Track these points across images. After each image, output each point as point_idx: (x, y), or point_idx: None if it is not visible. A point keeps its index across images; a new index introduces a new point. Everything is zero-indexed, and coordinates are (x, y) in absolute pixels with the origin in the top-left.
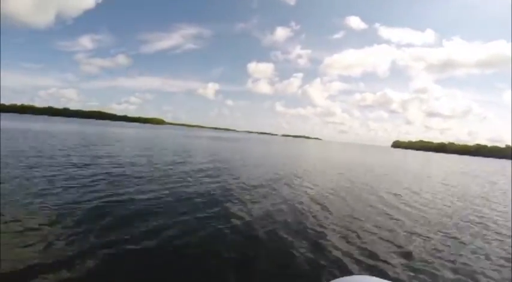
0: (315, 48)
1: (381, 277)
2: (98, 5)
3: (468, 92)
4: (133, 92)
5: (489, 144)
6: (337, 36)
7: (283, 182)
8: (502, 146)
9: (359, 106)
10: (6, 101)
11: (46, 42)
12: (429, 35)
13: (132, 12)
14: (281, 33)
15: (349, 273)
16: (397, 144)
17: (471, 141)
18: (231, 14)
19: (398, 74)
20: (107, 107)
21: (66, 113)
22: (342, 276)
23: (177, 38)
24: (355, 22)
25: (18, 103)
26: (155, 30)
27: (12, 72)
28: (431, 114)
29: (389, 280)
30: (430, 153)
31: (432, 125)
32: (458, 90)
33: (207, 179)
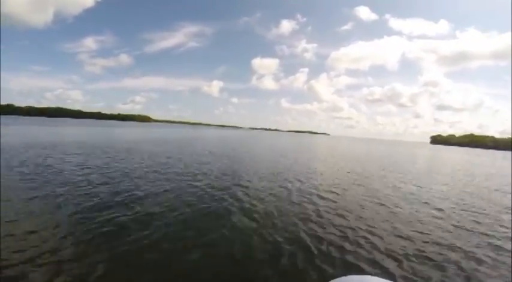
0: (322, 41)
1: (381, 277)
2: (97, 4)
3: (480, 85)
4: (138, 91)
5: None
6: (345, 27)
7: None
8: None
9: (367, 100)
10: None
11: (50, 44)
12: (442, 26)
13: (134, 12)
14: (286, 26)
15: (350, 272)
16: (438, 140)
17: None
18: (234, 9)
19: (408, 67)
20: (113, 107)
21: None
22: (342, 276)
23: (180, 36)
24: (364, 13)
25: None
26: (158, 30)
27: (17, 75)
28: (441, 108)
29: (389, 280)
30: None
31: (442, 119)
32: (470, 83)
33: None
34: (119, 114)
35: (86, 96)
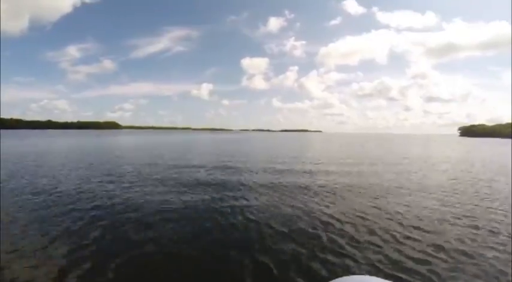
0: (310, 37)
1: (381, 277)
2: (75, 9)
3: (468, 76)
4: (126, 98)
5: None
6: (334, 22)
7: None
8: None
9: (357, 96)
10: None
11: (32, 54)
12: (429, 18)
13: (117, 18)
14: (274, 23)
15: (350, 272)
16: (472, 131)
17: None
18: (220, 10)
19: (396, 60)
20: (102, 116)
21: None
22: (342, 276)
23: (165, 41)
24: (352, 6)
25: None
26: (142, 35)
27: (1, 87)
28: (430, 99)
29: (389, 280)
30: None
31: (431, 110)
32: (458, 74)
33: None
34: (78, 121)
35: (73, 106)
